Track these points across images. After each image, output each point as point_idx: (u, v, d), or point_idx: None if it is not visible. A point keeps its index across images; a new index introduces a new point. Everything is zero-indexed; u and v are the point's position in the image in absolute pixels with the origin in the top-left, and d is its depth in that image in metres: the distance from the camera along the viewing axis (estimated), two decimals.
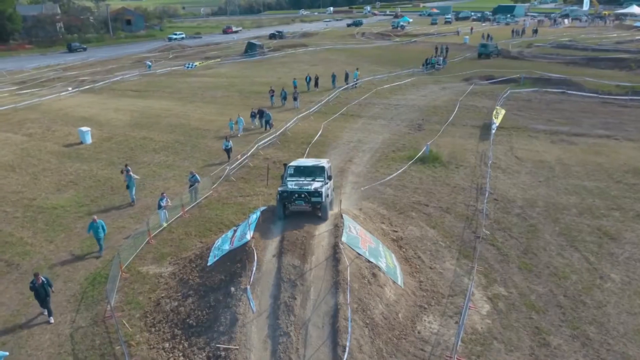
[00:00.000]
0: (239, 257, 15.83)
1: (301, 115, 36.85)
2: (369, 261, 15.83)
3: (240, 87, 48.92)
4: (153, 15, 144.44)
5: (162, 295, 16.54)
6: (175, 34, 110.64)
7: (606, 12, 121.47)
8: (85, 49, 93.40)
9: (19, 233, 21.47)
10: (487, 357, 13.49)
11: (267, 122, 33.67)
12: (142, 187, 25.73)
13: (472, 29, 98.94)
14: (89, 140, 33.35)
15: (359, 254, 15.80)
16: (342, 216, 17.53)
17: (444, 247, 19.06)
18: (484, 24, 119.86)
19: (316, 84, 46.69)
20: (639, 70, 52.44)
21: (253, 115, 35.04)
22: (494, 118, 32.77)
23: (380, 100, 42.48)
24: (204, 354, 13.55)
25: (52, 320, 15.56)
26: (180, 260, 18.55)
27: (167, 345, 14.28)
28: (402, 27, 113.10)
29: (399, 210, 22.02)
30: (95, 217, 19.55)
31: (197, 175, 24.10)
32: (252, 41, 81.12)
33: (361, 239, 16.63)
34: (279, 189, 17.34)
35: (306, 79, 47.86)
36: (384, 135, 32.98)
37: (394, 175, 25.41)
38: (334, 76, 47.66)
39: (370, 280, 15.25)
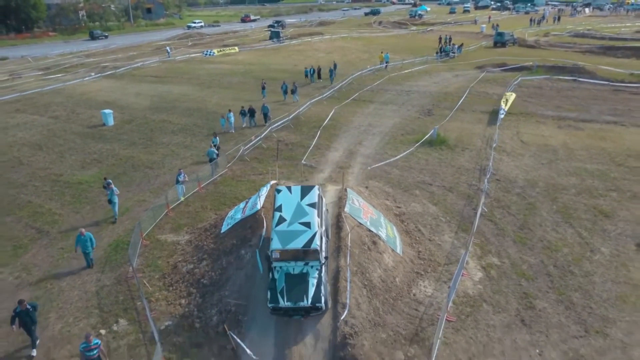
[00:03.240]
0: (250, 224, 17.15)
1: (314, 100, 37.96)
2: (369, 230, 17.00)
3: (256, 74, 50.13)
4: (172, 3, 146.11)
5: (179, 259, 17.96)
6: (194, 22, 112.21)
7: (629, 1, 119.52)
8: (106, 37, 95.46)
9: (48, 205, 23.09)
10: (476, 317, 14.62)
11: (265, 115, 33.35)
12: (162, 166, 27.20)
13: (489, 17, 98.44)
14: (111, 122, 34.95)
15: (360, 223, 16.98)
16: (346, 190, 18.70)
17: (444, 222, 20.11)
18: (503, 13, 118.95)
19: (319, 76, 47.01)
20: None
21: (243, 113, 33.26)
22: (502, 103, 33.41)
23: (392, 87, 43.33)
24: (216, 309, 14.92)
25: (34, 353, 13.85)
26: (196, 229, 19.94)
27: (183, 301, 15.70)
28: (420, 15, 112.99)
29: (404, 188, 23.08)
30: (83, 230, 17.57)
31: (214, 150, 25.62)
32: (276, 29, 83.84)
33: (363, 210, 17.80)
34: (270, 253, 14.24)
35: (305, 72, 47.73)
36: (394, 119, 33.92)
37: (401, 156, 26.45)
38: (331, 71, 46.26)
39: (370, 247, 16.43)
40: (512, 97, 35.86)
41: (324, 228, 15.14)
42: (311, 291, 13.57)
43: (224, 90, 44.58)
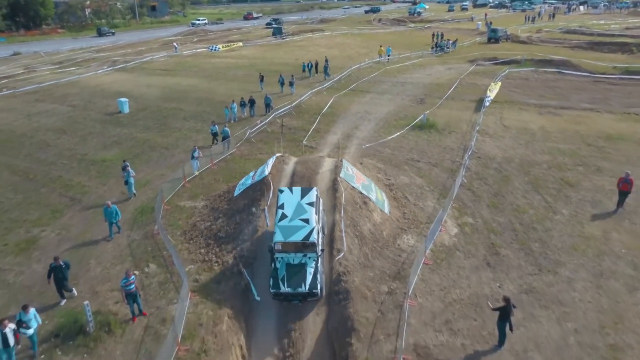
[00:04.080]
0: (259, 187, 20.01)
1: (315, 90, 40.76)
2: (361, 193, 19.84)
3: (260, 67, 52.81)
4: (177, 1, 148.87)
5: (197, 219, 20.80)
6: (198, 20, 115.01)
7: None
8: (113, 34, 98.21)
9: (77, 178, 25.93)
10: (449, 261, 17.45)
11: (267, 105, 35.62)
12: (176, 146, 30.02)
13: (486, 15, 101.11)
14: (126, 109, 37.76)
15: (353, 187, 19.82)
16: (342, 160, 21.53)
17: (428, 191, 22.90)
18: (500, 11, 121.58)
19: (317, 70, 49.19)
20: (639, 53, 54.81)
21: (243, 104, 35.40)
22: (488, 92, 36.20)
23: (388, 79, 46.10)
24: (232, 254, 17.77)
25: (63, 302, 15.94)
26: (210, 196, 22.77)
27: (202, 250, 18.55)
28: (419, 13, 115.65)
29: (394, 164, 25.86)
30: (110, 202, 19.71)
31: (228, 129, 28.67)
32: (279, 25, 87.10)
33: (356, 177, 20.64)
34: (273, 246, 15.94)
35: (303, 66, 49.95)
36: (389, 107, 36.70)
37: (392, 137, 29.28)
38: (325, 67, 48.06)
39: (361, 206, 19.28)
40: (497, 86, 38.60)
41: (320, 225, 16.81)
42: (308, 279, 15.17)
43: (230, 82, 47.36)
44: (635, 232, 18.84)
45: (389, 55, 55.74)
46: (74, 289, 16.38)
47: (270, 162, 21.34)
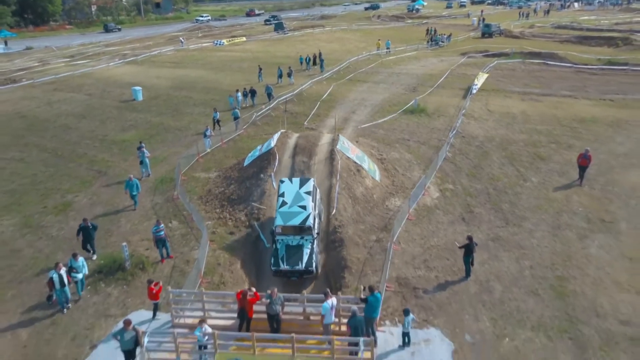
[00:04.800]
0: (266, 157, 22.90)
1: (315, 79, 43.63)
2: (355, 162, 22.71)
3: (263, 60, 55.58)
4: None
5: (212, 186, 23.70)
6: (202, 16, 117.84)
7: None
8: (120, 30, 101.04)
9: (101, 155, 28.83)
10: (429, 217, 20.33)
11: (269, 94, 38.08)
12: (188, 128, 32.91)
13: (482, 11, 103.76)
14: (140, 97, 40.65)
15: (348, 157, 22.68)
16: (338, 135, 24.41)
17: (415, 164, 25.76)
18: (497, 8, 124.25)
19: (314, 62, 51.72)
20: (624, 47, 57.56)
21: (245, 94, 37.71)
22: (476, 80, 39.05)
23: (384, 70, 48.96)
24: (243, 212, 20.69)
25: (95, 257, 18.26)
26: (222, 168, 25.66)
27: (217, 210, 21.45)
28: (417, 10, 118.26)
29: (386, 143, 28.69)
30: (132, 176, 22.04)
31: (238, 111, 31.53)
32: (281, 21, 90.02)
33: (351, 149, 23.52)
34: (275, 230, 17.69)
35: (300, 59, 52.56)
36: (384, 95, 39.56)
37: (386, 119, 32.18)
38: (321, 60, 50.54)
39: (355, 173, 22.16)
40: (485, 75, 41.43)
41: (317, 211, 18.54)
42: (305, 258, 16.79)
43: (235, 73, 50.21)
44: (592, 195, 21.71)
45: (388, 48, 58.83)
46: (94, 252, 18.52)
47: (276, 136, 24.22)
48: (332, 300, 13.10)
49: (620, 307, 14.81)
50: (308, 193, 18.21)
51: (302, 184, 18.64)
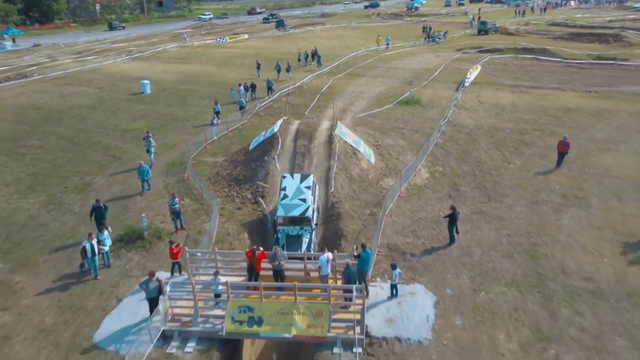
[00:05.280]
0: (270, 141, 24.85)
1: (315, 74, 45.56)
2: (352, 146, 24.65)
3: (265, 56, 57.50)
4: None
5: (220, 169, 25.65)
6: (204, 14, 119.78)
7: None
8: (124, 27, 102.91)
9: (114, 142, 30.78)
10: (419, 195, 22.29)
11: (269, 88, 40.09)
12: (195, 118, 34.82)
13: (479, 9, 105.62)
14: (148, 90, 42.58)
15: (345, 141, 24.63)
16: (337, 122, 26.36)
17: (408, 149, 27.68)
18: (494, 6, 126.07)
19: (313, 58, 53.40)
20: (615, 43, 59.43)
21: (246, 89, 39.27)
22: (469, 74, 40.97)
23: (382, 64, 50.90)
24: (249, 190, 22.65)
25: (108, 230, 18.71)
26: (229, 153, 27.58)
27: (226, 189, 23.41)
28: (416, 8, 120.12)
29: (382, 131, 30.61)
30: (142, 162, 23.66)
31: (243, 100, 33.47)
32: (281, 18, 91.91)
33: (348, 134, 25.47)
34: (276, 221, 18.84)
35: (299, 56, 54.52)
36: (381, 88, 41.48)
37: (382, 109, 34.11)
38: (318, 57, 52.20)
39: (351, 156, 24.12)
40: (477, 69, 43.36)
41: (315, 205, 19.49)
42: (304, 247, 17.69)
43: (238, 69, 52.14)
44: (569, 175, 23.64)
45: (387, 44, 60.99)
46: (108, 230, 19.35)
47: (279, 123, 26.17)
48: (328, 255, 15.05)
49: (584, 267, 16.76)
50: (308, 187, 19.42)
51: (302, 179, 19.90)
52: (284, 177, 20.36)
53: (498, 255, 17.67)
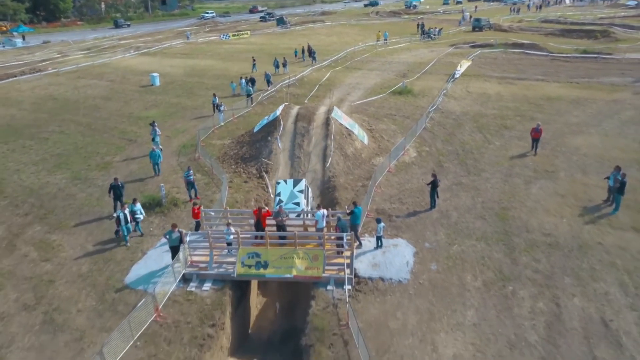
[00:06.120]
0: (273, 124, 27.48)
1: (315, 67, 48.19)
2: (347, 128, 27.27)
3: (267, 51, 60.18)
4: None
5: (227, 150, 28.31)
6: (207, 13, 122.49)
7: None
8: (129, 25, 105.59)
9: (129, 128, 33.43)
10: (406, 171, 24.91)
11: (268, 80, 42.57)
12: (203, 107, 37.45)
13: (476, 7, 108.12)
14: (157, 82, 45.25)
15: (341, 123, 27.25)
16: (333, 106, 28.99)
17: (399, 133, 30.27)
18: (491, 4, 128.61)
19: (310, 54, 54.76)
20: (602, 39, 61.97)
21: (246, 82, 40.36)
22: (459, 66, 43.59)
23: (378, 59, 53.54)
24: (255, 167, 25.30)
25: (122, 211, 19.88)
26: (235, 137, 30.22)
27: (233, 166, 26.06)
28: (414, 6, 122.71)
29: (376, 117, 33.22)
30: (154, 147, 26.22)
31: (251, 88, 36.14)
32: (282, 16, 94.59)
33: (343, 117, 28.10)
34: None
35: (295, 52, 56.81)
36: (376, 80, 44.10)
37: (377, 97, 36.74)
38: (313, 53, 53.77)
39: (346, 136, 26.74)
40: (467, 63, 45.97)
41: (309, 207, 20.58)
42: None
43: (242, 63, 54.70)
44: (542, 154, 26.20)
45: (385, 40, 63.69)
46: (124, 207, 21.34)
47: (280, 108, 28.81)
48: (323, 211, 17.72)
49: (545, 226, 19.38)
50: (301, 191, 20.46)
51: (295, 184, 20.86)
52: (278, 183, 21.30)
53: (472, 217, 20.29)
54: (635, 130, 29.15)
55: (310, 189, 22.56)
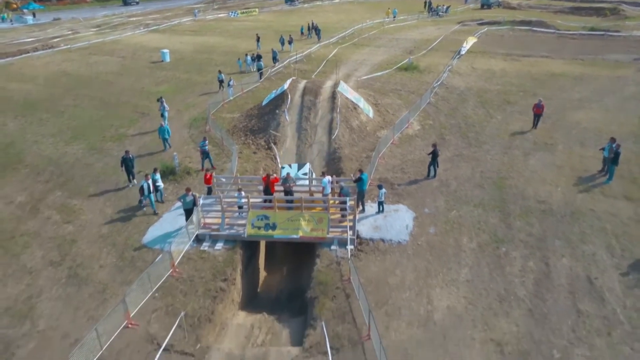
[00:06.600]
0: (280, 97, 28.37)
1: (322, 43, 48.75)
2: (352, 101, 28.11)
3: (275, 29, 60.58)
4: None
5: (236, 122, 29.27)
6: None
7: None
8: (137, 3, 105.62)
9: (142, 102, 34.39)
10: (409, 142, 25.80)
11: (274, 58, 42.82)
12: (212, 82, 38.25)
13: None
14: (168, 58, 46.06)
15: (347, 97, 28.08)
16: (340, 81, 29.79)
17: (404, 107, 31.02)
18: None
19: (315, 32, 54.77)
20: (612, 16, 61.75)
21: (252, 59, 41.45)
22: (465, 43, 43.98)
23: (385, 36, 53.90)
24: (263, 139, 26.29)
25: (134, 183, 22.20)
26: (244, 110, 31.14)
27: (242, 138, 27.06)
28: None
29: (382, 92, 33.95)
30: (163, 122, 27.20)
31: (261, 62, 37.21)
32: None
33: (350, 91, 28.91)
34: None
35: (301, 29, 57.24)
36: (383, 56, 44.62)
37: (383, 73, 37.42)
38: (318, 30, 53.86)
39: (352, 110, 27.60)
40: (473, 40, 46.32)
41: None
42: None
43: (250, 40, 55.06)
44: (543, 128, 26.92)
45: (394, 17, 64.40)
46: (134, 178, 22.97)
47: (288, 82, 29.66)
48: (329, 177, 18.74)
49: (540, 194, 20.29)
50: (305, 174, 21.63)
51: (299, 167, 21.97)
52: (282, 167, 22.48)
53: (471, 185, 21.23)
54: (635, 106, 29.72)
55: (313, 173, 23.20)
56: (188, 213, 18.32)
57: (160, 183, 21.10)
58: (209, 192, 20.53)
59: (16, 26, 74.75)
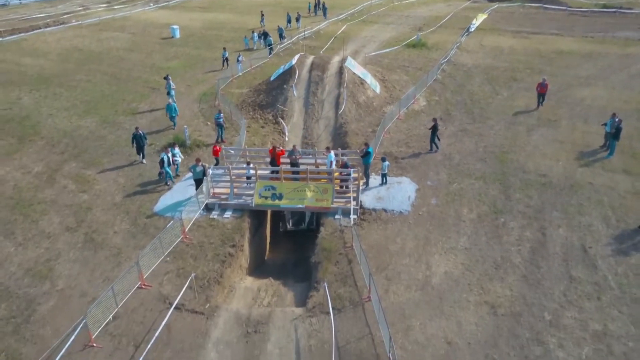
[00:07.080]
0: (288, 72, 28.79)
1: (331, 20, 48.79)
2: (359, 77, 28.48)
3: (284, 5, 60.45)
4: None
5: (245, 97, 29.79)
6: None
7: None
8: None
9: (152, 78, 34.93)
10: (415, 118, 26.22)
11: (280, 35, 42.97)
12: (221, 59, 38.72)
13: None
14: (178, 35, 46.42)
15: (354, 72, 28.44)
16: (347, 56, 30.10)
17: (410, 83, 31.32)
18: None
19: (321, 9, 54.75)
20: None
21: (259, 37, 42.12)
22: (474, 20, 43.85)
23: (395, 13, 53.75)
24: (271, 113, 26.84)
25: (144, 161, 22.71)
26: (253, 86, 31.62)
27: (251, 113, 27.61)
28: None
29: (389, 69, 34.23)
30: (170, 100, 27.11)
31: (270, 38, 37.49)
32: None
33: (357, 66, 29.24)
34: None
35: (308, 6, 57.12)
36: (392, 33, 44.67)
37: (391, 49, 37.58)
38: (324, 8, 53.87)
39: (359, 85, 27.99)
40: (482, 16, 46.12)
41: None
42: (307, 220, 21.89)
43: (259, 17, 55.29)
44: (547, 104, 27.12)
45: None
46: (144, 156, 23.33)
47: (296, 57, 30.03)
48: (334, 152, 19.34)
49: (541, 167, 20.74)
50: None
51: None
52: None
53: (473, 159, 21.71)
54: None
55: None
56: (198, 183, 19.02)
57: (178, 158, 21.71)
58: (217, 164, 21.21)
59: (27, 2, 75.12)
